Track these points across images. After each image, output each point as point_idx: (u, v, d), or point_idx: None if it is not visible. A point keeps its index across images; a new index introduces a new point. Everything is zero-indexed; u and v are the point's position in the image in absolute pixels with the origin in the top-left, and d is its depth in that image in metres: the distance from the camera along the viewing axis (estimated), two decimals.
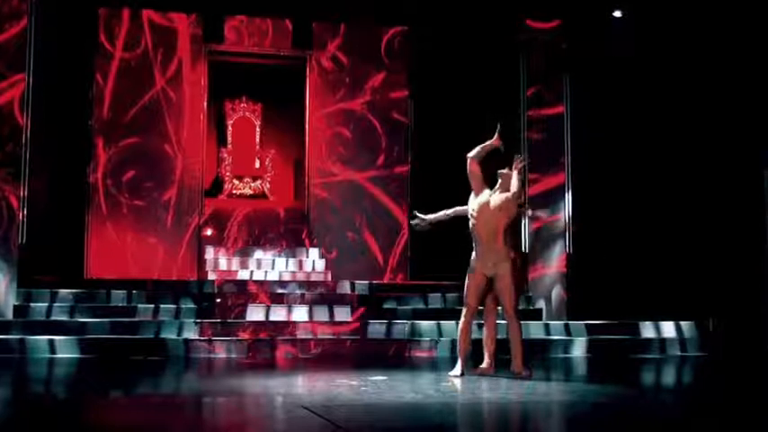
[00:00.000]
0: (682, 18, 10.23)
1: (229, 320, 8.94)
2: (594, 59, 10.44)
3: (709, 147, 10.27)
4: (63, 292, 9.34)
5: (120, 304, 9.28)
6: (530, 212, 6.38)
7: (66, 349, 8.14)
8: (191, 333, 8.65)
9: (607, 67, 10.46)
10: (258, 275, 10.62)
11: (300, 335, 8.77)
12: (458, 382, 6.26)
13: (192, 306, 9.26)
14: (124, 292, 9.42)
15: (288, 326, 8.91)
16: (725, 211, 10.14)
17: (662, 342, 9.16)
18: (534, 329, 9.23)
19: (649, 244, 10.28)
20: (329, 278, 10.74)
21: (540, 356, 8.53)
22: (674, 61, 10.43)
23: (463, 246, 8.01)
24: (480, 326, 6.69)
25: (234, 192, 12.12)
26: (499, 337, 6.66)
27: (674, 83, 10.43)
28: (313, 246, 11.38)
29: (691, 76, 10.36)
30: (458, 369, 6.44)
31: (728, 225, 10.13)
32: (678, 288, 9.85)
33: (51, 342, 8.18)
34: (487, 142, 6.62)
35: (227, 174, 12.14)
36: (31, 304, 9.08)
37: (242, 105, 12.31)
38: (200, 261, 10.95)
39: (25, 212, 9.28)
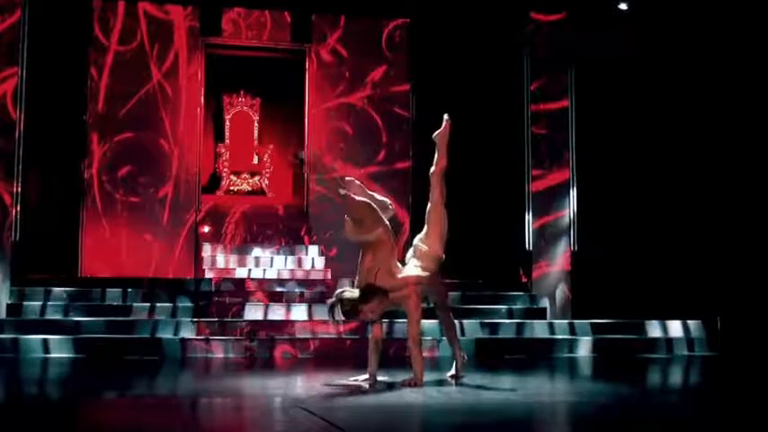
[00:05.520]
0: (687, 12, 10.11)
1: (227, 319, 8.80)
2: (599, 53, 10.31)
3: (716, 143, 10.14)
4: (57, 290, 9.20)
5: (116, 303, 9.14)
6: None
7: (60, 349, 8.00)
8: (187, 332, 8.51)
9: (613, 61, 10.32)
10: (256, 273, 10.52)
11: (299, 334, 8.64)
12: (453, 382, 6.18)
13: (189, 305, 9.12)
14: (119, 290, 9.28)
15: (287, 325, 8.78)
16: (732, 208, 10.02)
17: (669, 341, 9.03)
18: (538, 329, 9.10)
19: (656, 241, 10.15)
20: (329, 276, 10.64)
21: (544, 356, 8.43)
22: (681, 55, 10.30)
23: (464, 244, 7.86)
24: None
25: (231, 188, 12.02)
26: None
27: (682, 76, 10.30)
28: (312, 243, 11.26)
29: (699, 70, 10.22)
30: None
31: (736, 222, 10.00)
32: (685, 286, 9.72)
33: (45, 341, 8.03)
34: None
35: (225, 170, 12.03)
36: (25, 303, 8.93)
37: (240, 100, 12.20)
38: (197, 259, 10.84)
39: (18, 209, 9.16)
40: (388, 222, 5.97)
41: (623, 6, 10.18)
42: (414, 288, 5.89)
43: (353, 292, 5.80)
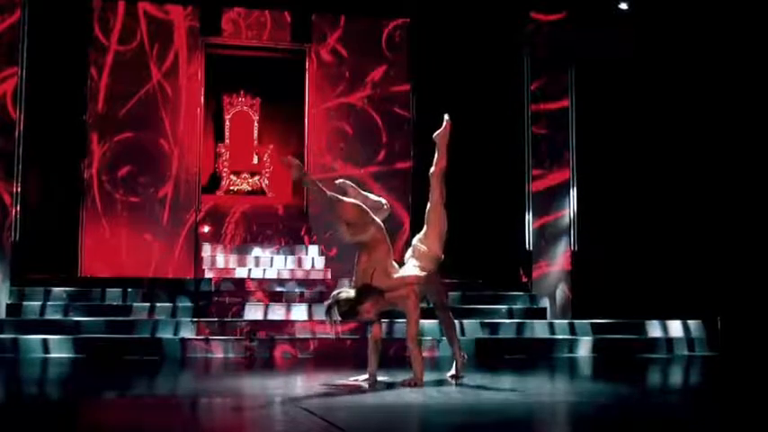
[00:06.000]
0: (687, 12, 10.10)
1: (227, 319, 8.79)
2: (599, 53, 10.30)
3: (716, 143, 10.13)
4: (57, 290, 9.19)
5: (115, 303, 9.13)
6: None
7: (60, 349, 7.99)
8: (187, 332, 8.50)
9: (613, 61, 10.31)
10: (256, 273, 10.51)
11: (299, 334, 8.63)
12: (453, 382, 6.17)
13: (189, 304, 9.12)
14: (119, 290, 9.28)
15: (287, 325, 8.77)
16: (732, 209, 10.01)
17: (669, 341, 9.02)
18: (538, 329, 9.09)
19: (656, 241, 10.14)
20: (329, 276, 10.62)
21: (544, 356, 8.43)
22: (681, 55, 10.29)
23: (464, 244, 7.84)
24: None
25: (231, 188, 12.01)
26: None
27: (682, 76, 10.29)
28: (312, 243, 11.25)
29: (699, 70, 10.21)
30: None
31: (736, 222, 9.99)
32: (685, 286, 9.71)
33: (45, 341, 8.02)
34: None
35: (225, 169, 12.02)
36: (24, 303, 8.92)
37: (240, 99, 12.19)
38: (197, 259, 10.83)
39: (18, 209, 9.15)
40: (381, 222, 5.95)
41: (623, 6, 10.18)
42: (412, 288, 5.88)
43: (350, 293, 5.80)
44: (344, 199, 5.91)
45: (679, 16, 10.15)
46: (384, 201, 6.22)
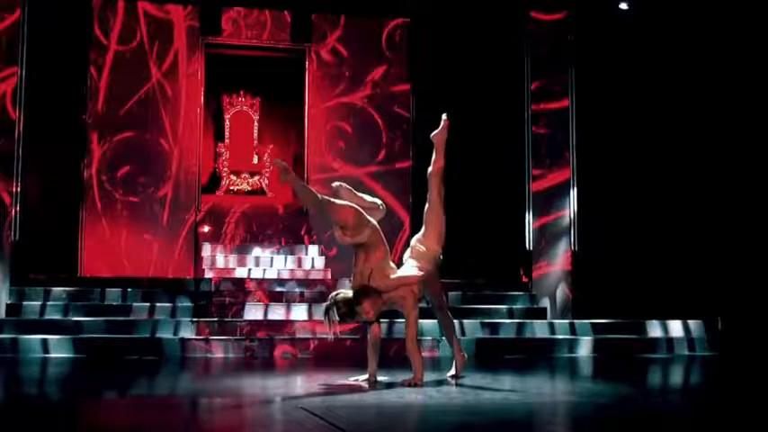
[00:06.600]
0: (687, 11, 10.11)
1: (227, 319, 8.79)
2: (601, 52, 10.30)
3: (717, 143, 10.14)
4: (56, 290, 9.20)
5: (115, 303, 9.14)
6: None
7: (59, 349, 7.99)
8: (187, 332, 8.51)
9: (614, 59, 10.32)
10: (256, 273, 10.51)
11: (299, 334, 8.62)
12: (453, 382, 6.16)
13: (189, 304, 9.12)
14: (119, 290, 9.28)
15: (287, 325, 8.76)
16: (732, 209, 10.01)
17: (669, 341, 9.01)
18: (539, 329, 9.10)
19: (656, 241, 10.15)
20: (329, 276, 10.62)
21: (544, 356, 8.43)
22: (683, 52, 10.30)
23: (464, 244, 7.84)
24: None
25: (231, 188, 12.01)
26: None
27: (682, 77, 10.29)
28: (312, 243, 11.26)
29: (699, 70, 10.22)
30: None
31: (737, 222, 9.99)
32: (686, 286, 9.72)
33: (45, 341, 8.02)
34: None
35: (225, 169, 12.02)
36: (24, 303, 8.93)
37: (240, 99, 12.18)
38: (197, 259, 10.83)
39: (18, 209, 9.15)
40: (376, 223, 5.94)
41: (623, 6, 10.18)
42: (410, 288, 5.88)
43: (347, 294, 5.79)
44: (337, 202, 5.89)
45: (679, 16, 10.16)
46: (379, 201, 6.21)
